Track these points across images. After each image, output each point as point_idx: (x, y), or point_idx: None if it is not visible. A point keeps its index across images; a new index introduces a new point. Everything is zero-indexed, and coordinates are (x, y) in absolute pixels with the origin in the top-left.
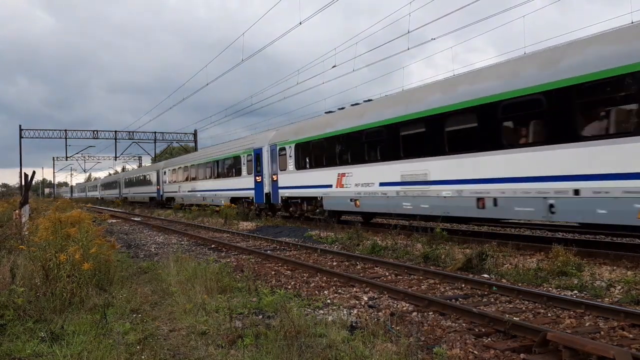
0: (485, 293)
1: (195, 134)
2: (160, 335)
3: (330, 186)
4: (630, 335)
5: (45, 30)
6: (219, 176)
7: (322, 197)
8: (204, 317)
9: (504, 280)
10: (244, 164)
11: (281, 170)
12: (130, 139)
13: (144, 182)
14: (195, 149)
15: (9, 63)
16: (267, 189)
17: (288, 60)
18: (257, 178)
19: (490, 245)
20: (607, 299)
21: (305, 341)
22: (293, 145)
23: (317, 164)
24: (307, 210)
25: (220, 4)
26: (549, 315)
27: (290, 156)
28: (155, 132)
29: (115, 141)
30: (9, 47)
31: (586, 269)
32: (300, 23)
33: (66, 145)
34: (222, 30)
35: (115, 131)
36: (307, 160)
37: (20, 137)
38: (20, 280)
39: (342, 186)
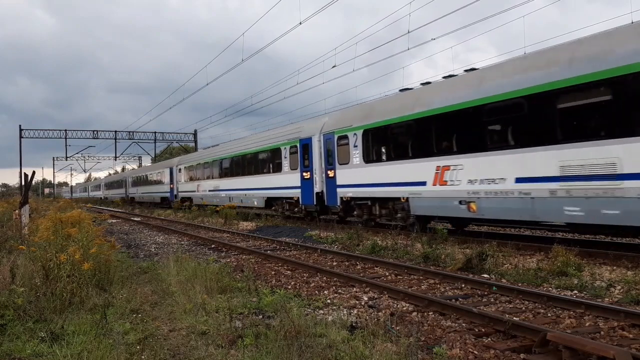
0: (485, 293)
1: (195, 134)
2: (160, 335)
3: (423, 183)
4: (630, 335)
5: (45, 30)
6: (250, 173)
7: (408, 197)
8: (204, 317)
9: (504, 280)
10: (285, 157)
11: (341, 164)
12: (130, 139)
13: (154, 180)
14: (195, 149)
15: (9, 63)
16: (318, 187)
17: (288, 61)
18: (304, 174)
19: (490, 245)
20: (607, 299)
21: (305, 341)
22: (360, 132)
23: (400, 154)
24: (380, 215)
25: (221, 4)
26: (549, 315)
27: (355, 146)
28: (155, 132)
29: (115, 141)
30: (9, 47)
31: (586, 269)
32: (300, 23)
33: (66, 145)
34: (222, 30)
35: (115, 131)
36: (384, 150)
37: (20, 137)
38: (20, 281)
39: (443, 183)
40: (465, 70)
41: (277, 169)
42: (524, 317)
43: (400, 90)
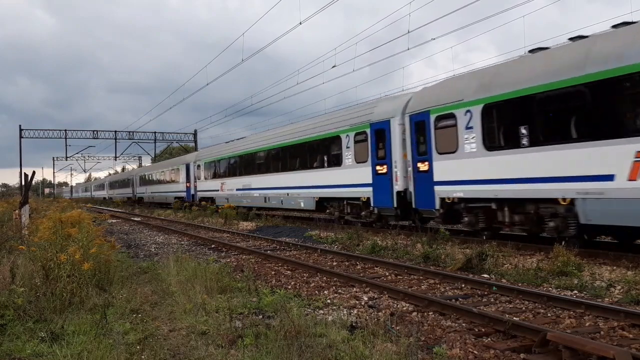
0: (485, 293)
1: (195, 134)
2: (160, 335)
3: (608, 178)
4: (630, 335)
5: (45, 30)
6: (294, 168)
7: (574, 199)
8: (204, 317)
9: (504, 280)
10: (347, 147)
11: (442, 153)
12: (130, 139)
13: (167, 179)
14: (196, 148)
15: (9, 63)
16: (400, 185)
17: (288, 60)
18: (377, 168)
19: (490, 245)
20: (607, 299)
21: (305, 341)
22: (477, 109)
23: (557, 136)
24: (512, 222)
25: (221, 4)
26: (549, 315)
27: (468, 128)
28: (155, 132)
29: (115, 141)
30: (9, 47)
31: (586, 269)
32: (301, 23)
33: (66, 145)
34: (222, 30)
35: (115, 131)
36: (523, 131)
37: (20, 137)
38: (20, 280)
39: None
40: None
41: (335, 162)
42: (524, 317)
43: (531, 52)
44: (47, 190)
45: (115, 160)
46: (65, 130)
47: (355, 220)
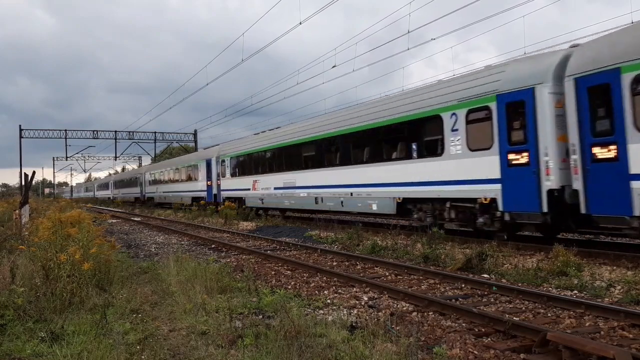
0: (485, 293)
1: (195, 134)
2: (160, 335)
3: None
4: (630, 335)
5: (45, 30)
6: (360, 161)
7: None
8: (204, 317)
9: (504, 280)
10: (453, 129)
11: None
12: (130, 139)
13: (182, 177)
14: (196, 149)
15: (9, 63)
16: (554, 180)
17: (288, 60)
18: (511, 157)
19: (490, 245)
20: (607, 299)
21: (305, 341)
22: None
23: None
24: None
25: (221, 4)
26: (549, 315)
27: None
28: (155, 132)
29: (115, 141)
30: (9, 47)
31: (586, 269)
32: (300, 23)
33: (66, 145)
34: (222, 30)
35: (115, 131)
36: None
37: (20, 137)
38: (20, 280)
39: None
40: None
41: (431, 150)
42: (524, 317)
43: None
44: (47, 190)
45: (115, 160)
46: (65, 130)
47: (463, 229)
